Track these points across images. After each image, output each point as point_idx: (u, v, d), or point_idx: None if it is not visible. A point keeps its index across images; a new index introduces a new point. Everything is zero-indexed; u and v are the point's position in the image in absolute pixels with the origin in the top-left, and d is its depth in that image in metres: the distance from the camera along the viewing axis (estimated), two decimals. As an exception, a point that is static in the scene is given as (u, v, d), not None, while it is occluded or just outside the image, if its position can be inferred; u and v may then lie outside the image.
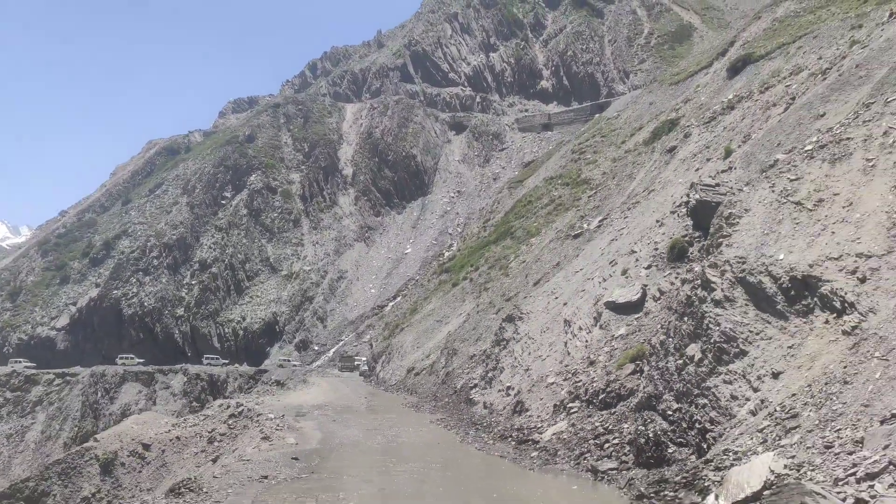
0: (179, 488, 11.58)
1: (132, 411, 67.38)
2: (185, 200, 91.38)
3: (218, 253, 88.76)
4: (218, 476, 12.23)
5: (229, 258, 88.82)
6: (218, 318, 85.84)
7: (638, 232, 24.11)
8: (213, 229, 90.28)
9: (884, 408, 8.32)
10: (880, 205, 11.49)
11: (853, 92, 21.93)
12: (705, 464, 9.97)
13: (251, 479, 11.97)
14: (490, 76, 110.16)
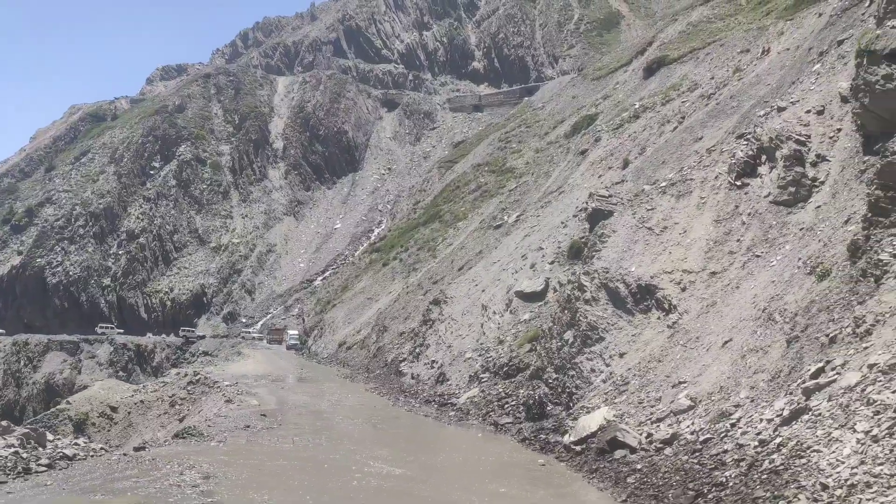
0: (183, 433, 15.51)
1: (56, 381, 69.45)
2: (113, 169, 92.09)
3: (146, 223, 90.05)
4: (211, 425, 16.26)
5: (157, 229, 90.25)
6: (145, 289, 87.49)
7: (547, 230, 28.82)
8: (141, 199, 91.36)
9: (677, 378, 13.08)
10: (704, 233, 16.32)
11: (725, 120, 26.97)
12: (568, 416, 14.65)
13: (237, 427, 16.03)
14: (423, 54, 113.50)
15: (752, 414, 10.10)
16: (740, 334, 12.67)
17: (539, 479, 11.24)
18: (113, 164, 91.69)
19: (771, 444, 8.31)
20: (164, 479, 9.90)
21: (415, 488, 10.78)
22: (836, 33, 23.50)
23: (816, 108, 17.18)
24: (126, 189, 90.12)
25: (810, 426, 7.78)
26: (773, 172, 16.40)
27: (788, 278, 12.90)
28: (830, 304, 10.83)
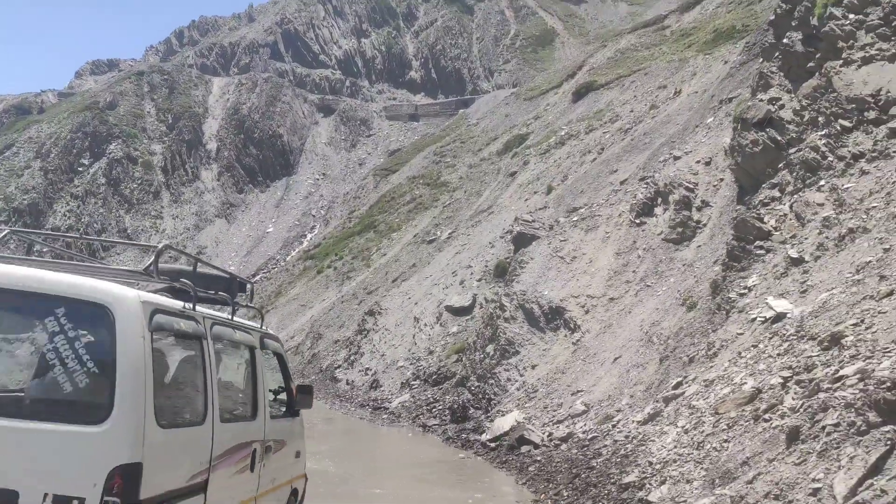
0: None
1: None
2: (39, 165, 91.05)
3: (73, 221, 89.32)
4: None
5: (85, 227, 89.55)
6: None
7: (476, 249, 31.65)
8: (68, 196, 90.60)
9: (576, 387, 15.96)
10: (606, 264, 19.33)
11: (638, 155, 30.31)
12: (486, 418, 17.40)
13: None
14: (361, 62, 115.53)
15: (628, 417, 12.99)
16: (627, 352, 15.63)
17: (459, 469, 13.90)
18: (39, 160, 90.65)
19: (631, 437, 11.18)
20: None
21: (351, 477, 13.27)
22: (734, 85, 27.13)
23: (705, 160, 20.46)
24: (53, 185, 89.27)
25: (655, 424, 10.66)
26: (665, 214, 19.56)
27: (667, 307, 15.95)
28: (693, 331, 13.85)
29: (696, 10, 65.77)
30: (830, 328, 8.63)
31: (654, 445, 9.75)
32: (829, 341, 8.28)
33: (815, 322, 9.42)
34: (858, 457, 5.64)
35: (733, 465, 7.46)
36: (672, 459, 8.74)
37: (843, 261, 11.40)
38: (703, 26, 61.61)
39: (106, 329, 3.90)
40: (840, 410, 6.46)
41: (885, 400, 5.93)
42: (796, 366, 8.45)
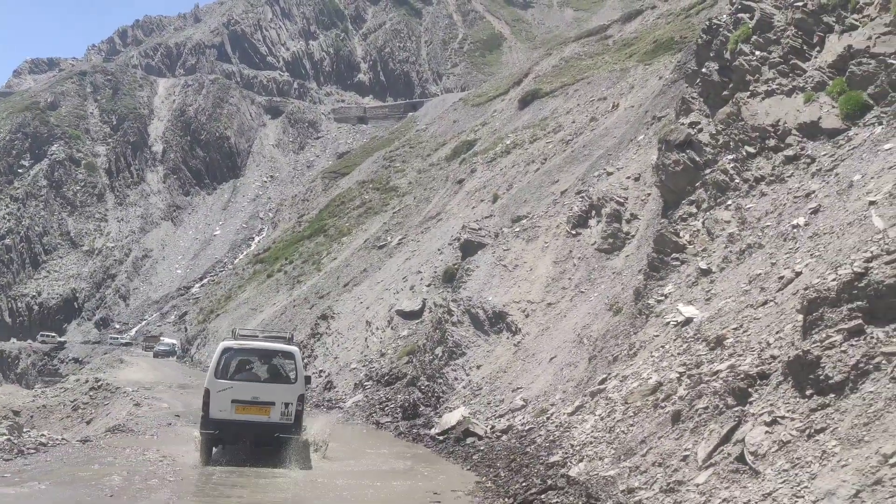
0: (113, 430, 18.79)
1: None
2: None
3: (13, 224, 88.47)
4: (135, 424, 19.61)
5: (25, 230, 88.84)
6: (10, 292, 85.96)
7: (425, 255, 33.36)
8: (7, 199, 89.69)
9: (516, 385, 17.79)
10: (545, 272, 21.25)
11: (578, 166, 32.39)
12: (435, 414, 19.11)
13: (160, 424, 19.48)
14: (309, 63, 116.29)
15: (560, 409, 14.85)
16: (562, 352, 17.54)
17: (410, 459, 15.57)
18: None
19: (560, 426, 13.03)
20: (134, 456, 13.55)
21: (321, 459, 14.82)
22: (665, 102, 29.35)
23: (634, 175, 22.55)
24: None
25: (579, 414, 12.53)
26: (598, 225, 21.58)
27: (597, 311, 17.91)
28: (618, 333, 15.79)
29: (638, 21, 68.64)
30: (717, 331, 10.59)
31: (577, 431, 11.61)
32: (715, 342, 10.23)
33: (709, 326, 11.38)
34: (716, 431, 7.53)
35: (634, 444, 9.34)
36: (589, 442, 10.59)
37: (741, 273, 13.43)
38: (643, 37, 64.42)
39: (292, 358, 14.36)
40: (710, 397, 8.37)
41: (738, 388, 7.85)
42: (689, 363, 10.39)
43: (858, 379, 6.42)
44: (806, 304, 7.77)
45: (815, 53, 16.93)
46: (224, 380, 13.66)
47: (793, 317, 8.52)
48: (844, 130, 14.89)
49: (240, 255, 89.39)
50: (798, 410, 6.77)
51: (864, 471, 5.44)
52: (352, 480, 12.93)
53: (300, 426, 14.18)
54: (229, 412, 13.24)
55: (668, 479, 7.74)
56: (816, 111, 15.72)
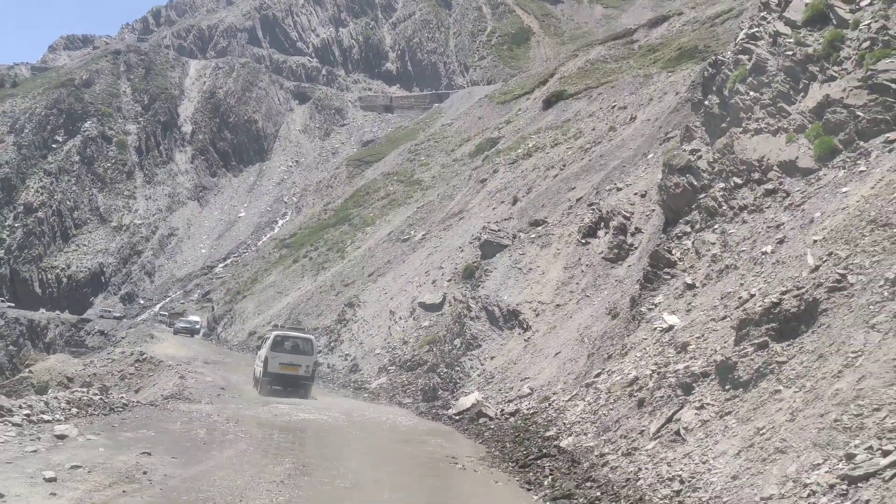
0: (171, 397, 21.96)
1: (-62, 351, 72.03)
2: (12, 140, 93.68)
3: (45, 197, 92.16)
4: (189, 391, 22.79)
5: (57, 204, 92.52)
6: (41, 264, 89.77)
7: (447, 252, 36.31)
8: (41, 173, 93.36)
9: (524, 375, 20.74)
10: (556, 276, 24.14)
11: (594, 175, 35.11)
12: (452, 398, 22.13)
13: (211, 395, 22.66)
14: (338, 51, 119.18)
15: (560, 398, 17.78)
16: (566, 349, 20.45)
17: (431, 433, 18.58)
18: (13, 134, 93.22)
19: (559, 410, 15.98)
20: (202, 418, 16.66)
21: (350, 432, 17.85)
22: (679, 119, 31.97)
23: (641, 192, 25.33)
24: (26, 161, 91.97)
25: (573, 400, 15.48)
26: (606, 236, 24.40)
27: (599, 314, 20.79)
28: (614, 335, 18.68)
29: (664, 27, 70.87)
30: (685, 338, 13.47)
31: (569, 413, 14.57)
32: (681, 347, 13.12)
33: (681, 333, 14.25)
34: (664, 413, 10.46)
35: (610, 423, 12.29)
36: (577, 421, 13.55)
37: (717, 290, 16.25)
38: (668, 43, 66.69)
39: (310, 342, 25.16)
40: (666, 389, 11.29)
41: (686, 383, 10.75)
42: (660, 362, 13.29)
43: (758, 379, 9.32)
44: (738, 323, 10.66)
45: (799, 98, 19.60)
46: (275, 352, 24.46)
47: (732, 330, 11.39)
48: (816, 170, 17.60)
49: (263, 238, 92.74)
50: (718, 400, 9.69)
51: (745, 438, 8.36)
52: (382, 436, 15.95)
53: (314, 378, 25.52)
54: (278, 369, 24.27)
55: (628, 446, 10.69)
56: (795, 151, 18.44)
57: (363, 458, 14.05)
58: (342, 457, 14.20)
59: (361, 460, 13.70)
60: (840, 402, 7.76)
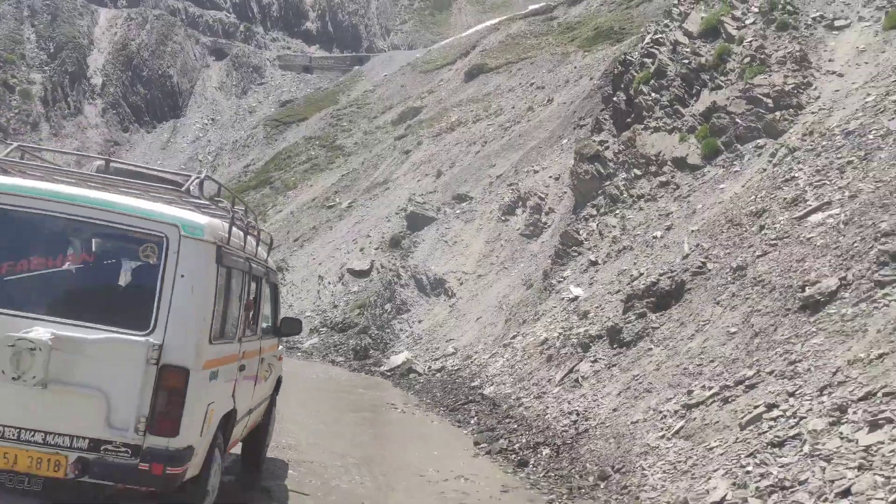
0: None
1: None
2: None
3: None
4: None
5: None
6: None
7: (374, 221, 38.96)
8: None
9: (449, 337, 23.89)
10: (478, 249, 27.28)
11: (514, 154, 38.27)
12: (383, 356, 25.09)
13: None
14: (256, 7, 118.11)
15: (482, 356, 20.95)
16: (486, 314, 23.64)
17: (368, 386, 21.50)
18: None
19: (481, 366, 19.15)
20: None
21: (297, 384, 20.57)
22: (591, 106, 35.33)
23: (555, 175, 28.64)
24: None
25: (493, 358, 18.67)
26: (523, 214, 27.65)
27: (515, 285, 24.04)
28: (528, 303, 21.94)
29: (583, 5, 74.39)
30: (586, 308, 16.77)
31: (490, 368, 17.77)
32: (583, 314, 16.41)
33: (584, 303, 17.56)
34: (567, 366, 13.68)
35: (524, 374, 15.50)
36: (497, 374, 16.75)
37: (615, 267, 19.63)
38: (586, 22, 70.20)
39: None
40: (569, 347, 14.54)
41: (584, 343, 13.98)
42: (566, 326, 16.55)
43: (637, 340, 12.62)
44: (625, 297, 13.94)
45: (692, 102, 23.12)
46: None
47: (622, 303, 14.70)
48: (702, 167, 21.17)
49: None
50: (607, 355, 12.97)
51: (624, 383, 11.63)
52: (326, 387, 18.79)
53: None
54: None
55: (539, 391, 13.91)
56: (686, 149, 21.95)
57: (318, 404, 16.85)
58: (300, 403, 16.94)
59: (318, 405, 16.50)
60: (689, 357, 11.07)
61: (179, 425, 5.38)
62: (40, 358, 5.05)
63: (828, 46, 21.20)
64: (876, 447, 6.46)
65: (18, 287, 5.54)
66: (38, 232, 5.73)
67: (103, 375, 5.30)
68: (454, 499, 8.98)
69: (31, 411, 5.25)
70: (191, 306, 5.50)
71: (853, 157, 13.05)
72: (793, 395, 8.21)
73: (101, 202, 5.65)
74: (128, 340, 5.34)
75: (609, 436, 10.61)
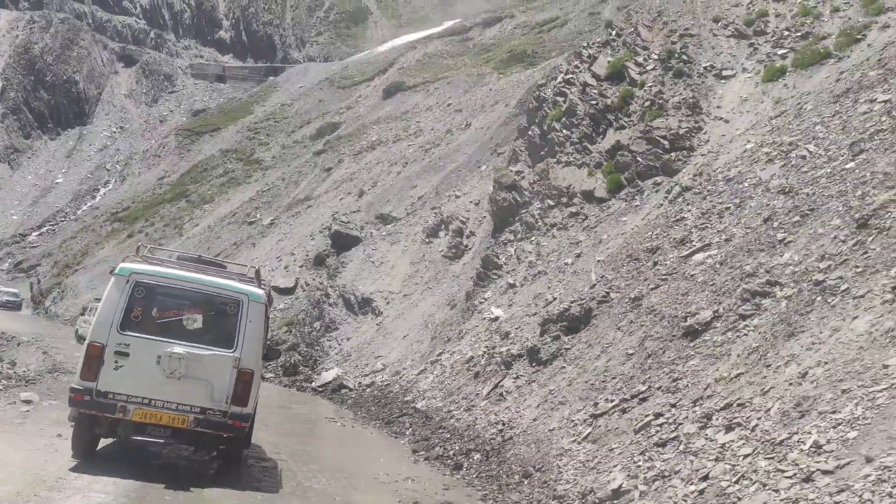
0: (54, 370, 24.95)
1: None
2: None
3: None
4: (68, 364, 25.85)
5: None
6: None
7: (297, 239, 40.50)
8: None
9: (378, 354, 25.83)
10: (403, 269, 29.32)
11: (434, 176, 40.50)
12: (314, 373, 26.80)
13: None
14: (168, 14, 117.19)
15: (410, 372, 22.97)
16: (412, 332, 25.69)
17: (301, 402, 23.21)
18: None
19: (409, 381, 21.18)
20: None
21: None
22: (507, 134, 37.91)
23: (475, 201, 30.98)
24: None
25: (423, 374, 20.74)
26: (446, 237, 29.86)
27: (440, 304, 26.19)
28: (452, 322, 24.12)
29: (497, 28, 77.66)
30: (507, 328, 19.04)
31: (422, 384, 19.84)
32: (504, 335, 18.66)
33: (504, 323, 19.83)
34: (492, 381, 15.89)
35: (454, 389, 17.64)
36: (428, 389, 18.84)
37: (531, 290, 22.01)
38: (500, 44, 73.39)
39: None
40: (493, 365, 16.76)
41: (507, 361, 16.22)
42: (489, 345, 18.77)
43: (553, 359, 14.94)
44: (542, 321, 16.26)
45: (599, 140, 25.84)
46: None
47: (538, 326, 17.03)
48: (608, 200, 23.81)
49: (84, 206, 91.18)
50: (527, 373, 15.24)
51: (542, 396, 13.91)
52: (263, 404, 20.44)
53: None
54: None
55: (468, 405, 16.08)
56: (593, 183, 24.60)
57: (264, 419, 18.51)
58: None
59: (264, 420, 18.17)
60: (596, 374, 13.43)
61: (248, 401, 9.98)
62: (180, 363, 9.64)
63: (717, 94, 24.23)
64: (728, 444, 8.86)
65: (166, 326, 10.08)
66: (173, 296, 10.26)
67: (210, 373, 9.79)
68: (407, 495, 10.99)
69: (172, 391, 9.70)
70: (254, 337, 10.19)
71: (730, 204, 15.77)
72: (674, 406, 10.62)
73: (208, 281, 10.38)
74: (223, 355, 9.93)
75: (530, 441, 12.84)
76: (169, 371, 9.62)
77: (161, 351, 9.65)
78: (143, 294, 10.00)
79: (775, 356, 9.88)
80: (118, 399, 9.64)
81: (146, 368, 9.65)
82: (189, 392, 9.73)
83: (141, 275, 10.05)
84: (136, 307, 9.93)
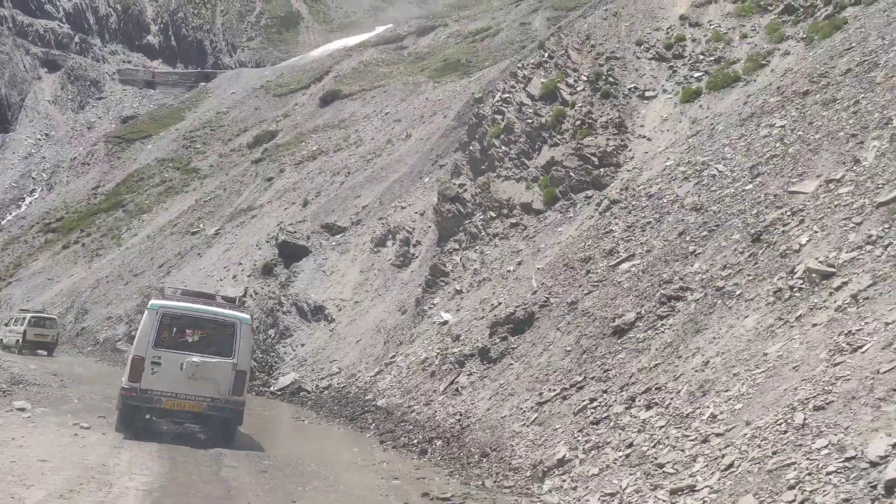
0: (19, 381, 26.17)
1: None
2: None
3: None
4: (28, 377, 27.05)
5: None
6: None
7: (244, 248, 42.06)
8: None
9: (333, 358, 27.84)
10: (354, 278, 31.37)
11: (378, 185, 42.56)
12: (270, 378, 28.64)
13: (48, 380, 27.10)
14: (93, 18, 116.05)
15: (364, 375, 25.06)
16: (365, 337, 27.78)
17: (263, 405, 25.06)
18: None
19: (367, 382, 23.29)
20: (62, 399, 21.83)
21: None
22: (447, 144, 40.24)
23: (420, 211, 33.23)
24: None
25: (380, 375, 22.88)
26: (393, 246, 32.02)
27: (391, 310, 28.34)
28: (403, 327, 26.29)
29: (431, 36, 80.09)
30: (457, 331, 21.34)
31: (380, 384, 21.99)
32: (455, 337, 20.95)
33: (454, 327, 22.12)
34: (448, 379, 18.17)
35: (411, 387, 19.85)
36: (387, 388, 21.00)
37: (477, 296, 24.35)
38: (434, 53, 75.76)
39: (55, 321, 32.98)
40: (448, 364, 19.05)
41: (460, 361, 18.52)
42: (442, 347, 21.03)
43: (501, 357, 17.30)
44: (490, 324, 18.61)
45: (535, 156, 28.39)
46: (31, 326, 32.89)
47: (487, 328, 19.37)
48: (544, 211, 26.33)
49: (8, 216, 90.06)
50: (479, 370, 17.57)
51: (494, 390, 16.26)
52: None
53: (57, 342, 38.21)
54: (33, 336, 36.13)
55: (427, 400, 18.32)
56: (531, 196, 27.12)
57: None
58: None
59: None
60: (540, 369, 15.83)
61: (243, 392, 14.77)
62: (196, 368, 14.07)
63: (640, 114, 27.02)
64: (648, 419, 11.33)
65: (184, 343, 15.34)
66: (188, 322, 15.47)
67: (217, 374, 14.32)
68: (387, 474, 13.17)
69: (191, 387, 14.13)
70: (246, 349, 15.05)
71: (651, 219, 18.40)
72: (605, 392, 13.07)
73: (212, 311, 15.23)
74: (225, 361, 14.52)
75: (486, 427, 15.16)
76: (189, 374, 14.06)
77: (183, 360, 14.17)
78: (169, 322, 14.78)
79: (685, 349, 12.42)
80: (154, 394, 14.15)
81: (173, 372, 14.11)
82: (203, 387, 14.18)
83: (167, 308, 14.72)
84: (164, 331, 14.61)
